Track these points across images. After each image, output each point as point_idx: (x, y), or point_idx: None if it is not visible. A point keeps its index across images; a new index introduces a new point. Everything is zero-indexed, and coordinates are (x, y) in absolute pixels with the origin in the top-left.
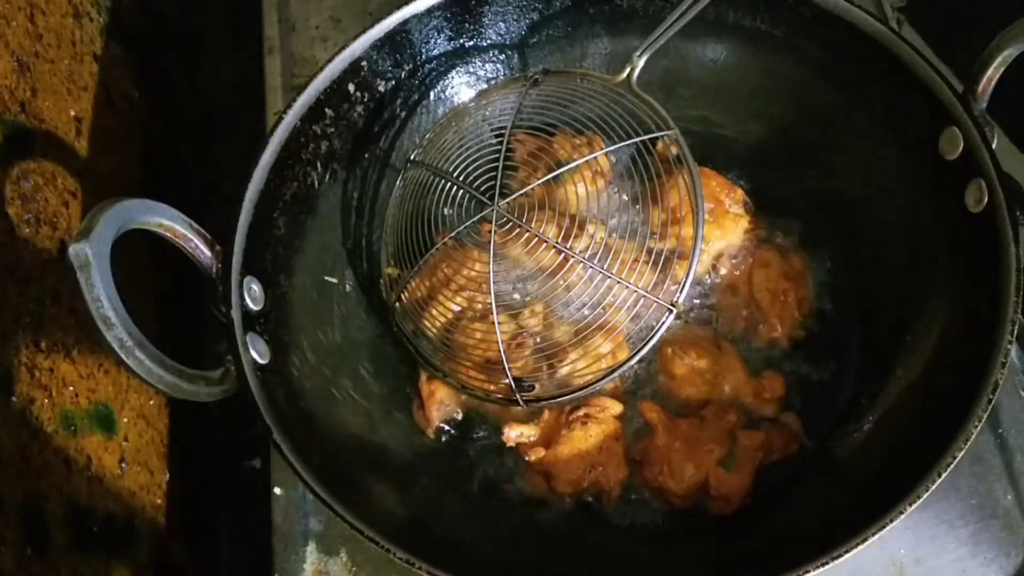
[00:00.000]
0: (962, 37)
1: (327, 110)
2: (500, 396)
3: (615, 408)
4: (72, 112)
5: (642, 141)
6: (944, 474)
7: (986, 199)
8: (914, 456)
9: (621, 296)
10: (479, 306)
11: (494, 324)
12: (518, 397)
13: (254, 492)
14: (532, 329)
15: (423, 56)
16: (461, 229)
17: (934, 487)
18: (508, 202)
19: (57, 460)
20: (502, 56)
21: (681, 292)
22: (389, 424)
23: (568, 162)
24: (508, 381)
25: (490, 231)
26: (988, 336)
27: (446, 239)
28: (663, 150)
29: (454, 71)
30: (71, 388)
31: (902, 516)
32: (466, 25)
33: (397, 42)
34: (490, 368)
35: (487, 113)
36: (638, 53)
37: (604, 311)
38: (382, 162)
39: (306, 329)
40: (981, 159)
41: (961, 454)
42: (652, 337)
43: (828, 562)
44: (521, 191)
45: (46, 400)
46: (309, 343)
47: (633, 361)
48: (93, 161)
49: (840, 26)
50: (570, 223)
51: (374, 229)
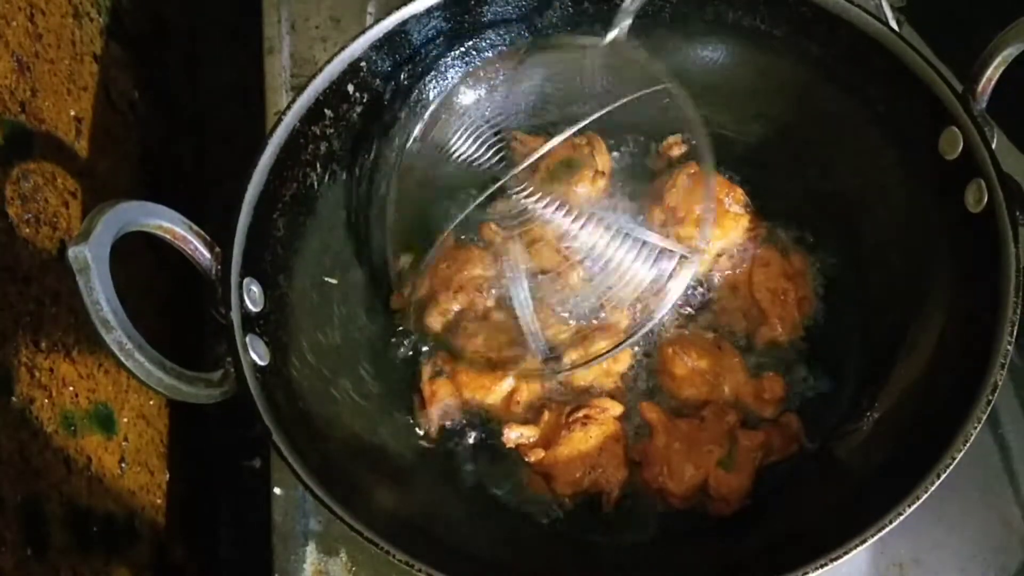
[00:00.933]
0: (962, 37)
1: (326, 111)
2: (529, 366)
3: (615, 409)
4: (72, 112)
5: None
6: (944, 475)
7: (986, 199)
8: (914, 456)
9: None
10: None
11: (523, 293)
12: (547, 364)
13: (254, 492)
14: (561, 293)
15: (422, 56)
16: (482, 199)
17: (934, 487)
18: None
19: (57, 460)
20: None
21: (702, 240)
22: (389, 425)
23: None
24: (540, 346)
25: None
26: (988, 336)
27: (461, 216)
28: (666, 150)
29: (454, 71)
30: (71, 388)
31: (902, 516)
32: (465, 25)
33: (396, 42)
34: (519, 339)
35: (485, 112)
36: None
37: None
38: (382, 162)
39: (306, 330)
40: (981, 159)
41: (961, 454)
42: (674, 283)
43: (828, 562)
44: (537, 154)
45: (46, 400)
46: (309, 344)
47: (661, 315)
48: (93, 161)
49: (840, 26)
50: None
51: (374, 229)
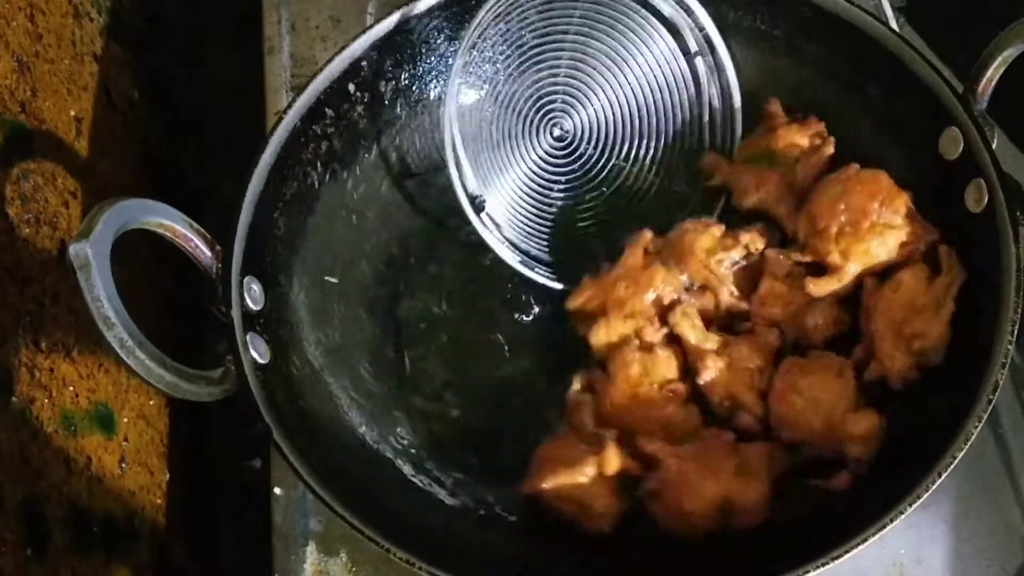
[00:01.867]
0: (962, 37)
1: (327, 110)
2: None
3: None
4: (72, 112)
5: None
6: (944, 474)
7: (986, 199)
8: (914, 456)
9: None
10: None
11: None
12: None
13: (254, 492)
14: None
15: (423, 56)
16: None
17: (934, 487)
18: None
19: (57, 460)
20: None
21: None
22: (389, 424)
23: None
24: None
25: None
26: (988, 336)
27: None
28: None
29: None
30: (71, 388)
31: (902, 516)
32: (466, 25)
33: (397, 42)
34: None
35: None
36: None
37: None
38: (382, 162)
39: (306, 329)
40: (981, 159)
41: (961, 454)
42: None
43: (828, 562)
44: None
45: (46, 400)
46: (309, 343)
47: None
48: (93, 161)
49: (840, 26)
50: None
51: (374, 229)
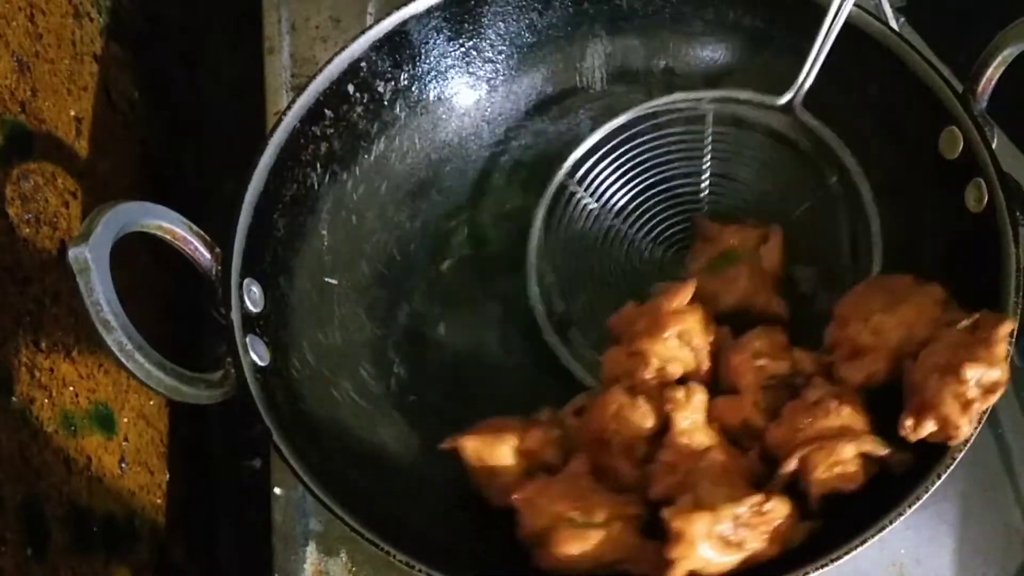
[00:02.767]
0: (962, 37)
1: (327, 111)
2: None
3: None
4: (72, 112)
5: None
6: (944, 475)
7: (986, 199)
8: (914, 456)
9: None
10: None
11: None
12: None
13: (254, 492)
14: None
15: (422, 57)
16: None
17: (934, 488)
18: None
19: (57, 460)
20: (501, 56)
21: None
22: (389, 425)
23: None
24: None
25: None
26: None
27: None
28: None
29: (453, 71)
30: (71, 388)
31: (902, 517)
32: (465, 25)
33: (396, 43)
34: None
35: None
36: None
37: None
38: (382, 163)
39: (306, 331)
40: (981, 159)
41: (961, 455)
42: None
43: (828, 562)
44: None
45: (46, 400)
46: (309, 345)
47: None
48: (93, 161)
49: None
50: None
51: (374, 230)
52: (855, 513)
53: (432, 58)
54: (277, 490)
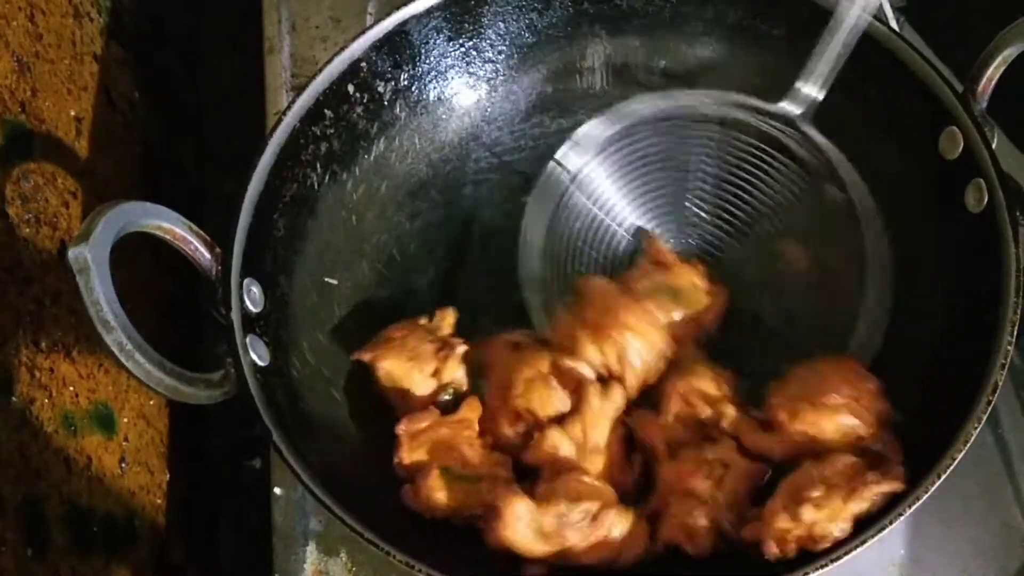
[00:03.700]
0: (962, 37)
1: (327, 111)
2: None
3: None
4: (72, 112)
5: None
6: (944, 475)
7: (986, 199)
8: (914, 457)
9: None
10: None
11: None
12: None
13: (254, 492)
14: None
15: (422, 57)
16: None
17: (934, 488)
18: None
19: (57, 460)
20: (501, 56)
21: None
22: (388, 425)
23: None
24: None
25: None
26: (988, 336)
27: None
28: None
29: (453, 71)
30: (71, 388)
31: (902, 517)
32: (465, 25)
33: (396, 43)
34: None
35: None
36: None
37: None
38: (382, 163)
39: (306, 330)
40: (981, 159)
41: (961, 455)
42: None
43: (828, 563)
44: None
45: (46, 400)
46: (309, 345)
47: None
48: (93, 161)
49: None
50: None
51: (374, 230)
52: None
53: (432, 58)
54: (277, 490)
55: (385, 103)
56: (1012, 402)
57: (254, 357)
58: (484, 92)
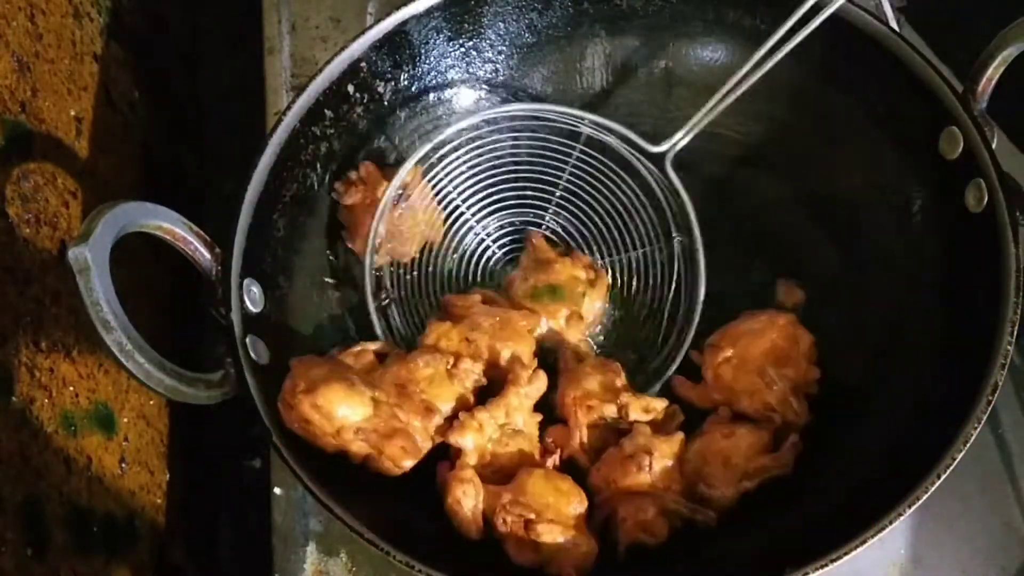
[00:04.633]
0: (962, 37)
1: (327, 111)
2: None
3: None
4: (72, 112)
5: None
6: (944, 475)
7: (986, 199)
8: (914, 457)
9: None
10: None
11: None
12: None
13: (254, 492)
14: None
15: (422, 57)
16: None
17: (934, 488)
18: None
19: (57, 460)
20: (501, 56)
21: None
22: None
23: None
24: None
25: None
26: (988, 336)
27: None
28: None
29: (453, 71)
30: (71, 388)
31: (902, 517)
32: (465, 25)
33: (396, 43)
34: None
35: None
36: (682, 132)
37: None
38: (381, 164)
39: (306, 331)
40: (981, 159)
41: (961, 455)
42: None
43: (828, 563)
44: None
45: (46, 400)
46: (308, 345)
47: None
48: (93, 161)
49: (840, 26)
50: None
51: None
52: (856, 511)
53: (432, 58)
54: (277, 490)
55: (385, 103)
56: (1012, 402)
57: (254, 357)
58: (484, 92)
